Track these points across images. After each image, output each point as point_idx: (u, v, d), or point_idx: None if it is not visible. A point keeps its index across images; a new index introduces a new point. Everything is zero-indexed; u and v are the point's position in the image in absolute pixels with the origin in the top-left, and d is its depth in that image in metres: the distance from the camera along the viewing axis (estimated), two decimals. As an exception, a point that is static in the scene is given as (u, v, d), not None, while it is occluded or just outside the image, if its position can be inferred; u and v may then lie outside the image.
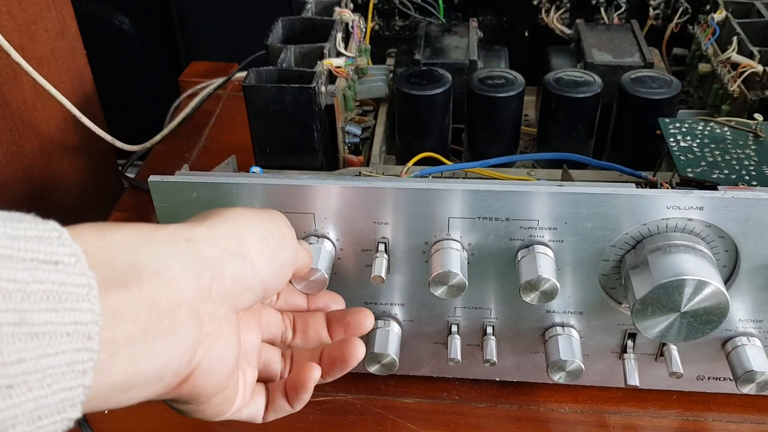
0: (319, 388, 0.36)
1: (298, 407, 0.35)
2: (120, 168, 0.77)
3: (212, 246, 0.28)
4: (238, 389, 0.33)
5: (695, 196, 0.36)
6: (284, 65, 0.49)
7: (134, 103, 1.11)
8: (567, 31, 0.62)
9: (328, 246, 0.40)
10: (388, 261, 0.40)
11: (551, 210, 0.37)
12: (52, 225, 0.23)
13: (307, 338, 0.37)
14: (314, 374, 0.34)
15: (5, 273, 0.20)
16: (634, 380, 0.42)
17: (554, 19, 0.62)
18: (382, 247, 0.40)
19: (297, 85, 0.44)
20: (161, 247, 0.26)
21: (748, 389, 0.40)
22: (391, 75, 0.56)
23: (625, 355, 0.43)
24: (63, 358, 0.21)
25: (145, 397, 0.26)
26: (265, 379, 0.36)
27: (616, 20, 0.62)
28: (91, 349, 0.22)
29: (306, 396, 0.34)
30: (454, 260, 0.38)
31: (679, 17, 0.61)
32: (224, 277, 0.28)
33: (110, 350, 0.23)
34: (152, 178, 0.38)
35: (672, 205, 0.37)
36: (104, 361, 0.23)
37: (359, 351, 0.35)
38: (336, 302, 0.39)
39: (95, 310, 0.22)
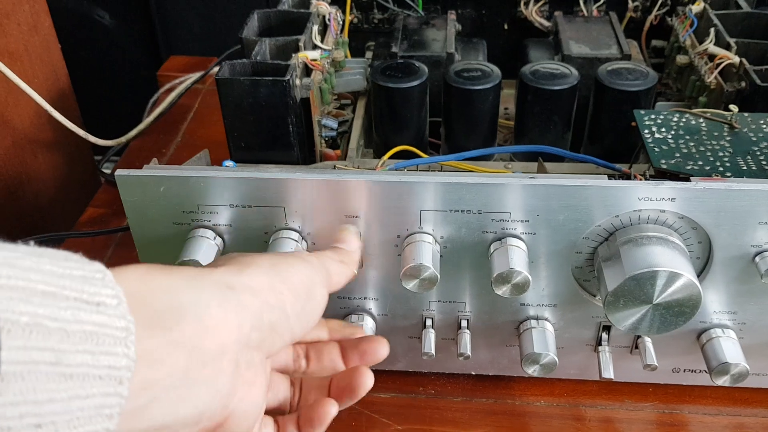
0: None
1: None
2: (97, 163, 0.76)
3: (253, 296, 0.29)
4: None
5: (667, 188, 0.36)
6: (258, 58, 0.48)
7: (115, 98, 1.10)
8: (546, 23, 0.62)
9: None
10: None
11: (523, 202, 0.37)
12: (97, 266, 0.23)
13: (322, 366, 0.36)
14: (331, 410, 0.34)
15: (48, 311, 0.21)
16: (609, 373, 0.42)
17: (533, 12, 0.62)
18: (353, 240, 0.39)
19: (271, 78, 0.44)
20: (205, 292, 0.27)
21: (722, 381, 0.40)
22: (369, 68, 0.56)
23: (599, 347, 0.43)
24: (93, 401, 0.21)
25: None
26: (274, 409, 0.36)
27: (595, 12, 0.62)
28: (120, 395, 0.22)
29: (321, 430, 0.34)
30: (425, 253, 0.37)
31: (659, 9, 0.61)
32: (263, 325, 0.29)
33: (151, 392, 0.24)
34: (119, 172, 0.38)
35: (644, 197, 0.36)
36: (144, 404, 0.23)
37: (368, 381, 0.35)
38: (358, 334, 0.38)
39: (130, 355, 0.22)
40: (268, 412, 0.35)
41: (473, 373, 0.46)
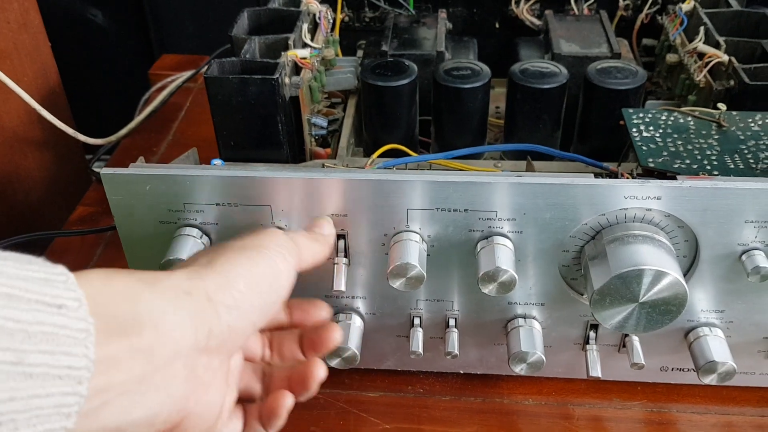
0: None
1: None
2: (88, 162, 0.76)
3: (209, 300, 0.29)
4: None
5: (653, 186, 0.36)
6: (248, 56, 0.48)
7: (108, 97, 1.10)
8: (537, 22, 0.62)
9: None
10: (347, 254, 0.40)
11: (510, 201, 0.37)
12: (60, 269, 0.24)
13: (283, 356, 0.37)
14: (287, 401, 0.34)
15: (9, 313, 0.21)
16: (597, 372, 0.42)
17: (524, 11, 0.62)
18: (341, 241, 0.39)
19: (260, 77, 0.44)
20: (162, 299, 0.27)
21: (710, 380, 0.40)
22: (359, 67, 0.56)
23: (587, 346, 0.43)
24: (52, 400, 0.22)
25: None
26: (244, 399, 0.36)
27: (586, 11, 0.61)
28: (79, 394, 0.23)
29: (280, 422, 0.34)
30: (412, 252, 0.37)
31: (649, 8, 0.61)
32: (221, 329, 0.29)
33: (105, 396, 0.24)
34: (104, 170, 0.38)
35: (630, 195, 0.36)
36: (98, 406, 0.24)
37: (319, 372, 0.35)
38: (318, 309, 0.37)
39: (89, 356, 0.23)
40: (240, 400, 0.35)
41: (461, 371, 0.46)
